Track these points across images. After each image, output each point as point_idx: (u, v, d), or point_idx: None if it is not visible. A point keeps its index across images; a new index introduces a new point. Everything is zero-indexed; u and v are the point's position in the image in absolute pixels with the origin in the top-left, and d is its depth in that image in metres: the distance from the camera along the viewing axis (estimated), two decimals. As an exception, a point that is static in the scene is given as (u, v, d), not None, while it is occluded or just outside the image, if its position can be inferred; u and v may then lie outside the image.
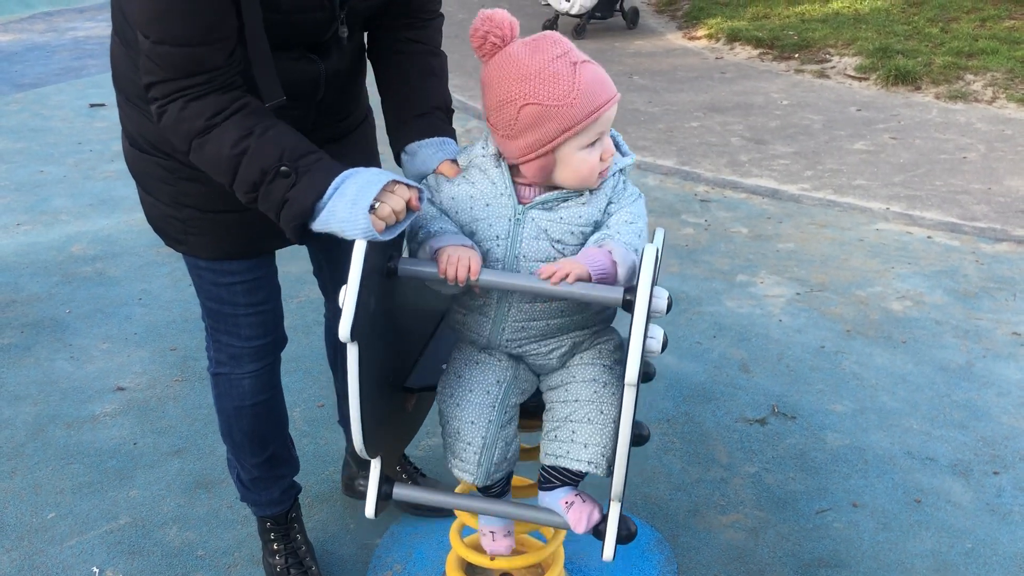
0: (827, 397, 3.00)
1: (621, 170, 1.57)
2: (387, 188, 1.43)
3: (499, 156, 1.54)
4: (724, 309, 3.58)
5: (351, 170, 1.48)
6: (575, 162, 1.48)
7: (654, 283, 1.39)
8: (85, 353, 3.23)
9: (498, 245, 1.52)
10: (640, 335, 1.35)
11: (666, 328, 1.56)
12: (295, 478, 2.24)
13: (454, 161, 1.61)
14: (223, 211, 1.76)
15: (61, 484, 2.56)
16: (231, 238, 1.80)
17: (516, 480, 1.81)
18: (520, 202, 1.53)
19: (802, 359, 3.22)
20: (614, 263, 1.43)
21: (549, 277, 1.42)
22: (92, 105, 6.40)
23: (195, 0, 1.42)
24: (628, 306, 1.40)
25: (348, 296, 1.38)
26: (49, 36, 9.03)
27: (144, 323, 3.44)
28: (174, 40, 1.44)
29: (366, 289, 1.40)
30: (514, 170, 1.54)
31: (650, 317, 1.39)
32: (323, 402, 2.91)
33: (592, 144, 1.48)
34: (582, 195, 1.53)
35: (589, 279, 1.42)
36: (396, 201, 1.42)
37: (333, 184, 1.45)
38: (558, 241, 1.51)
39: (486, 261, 1.51)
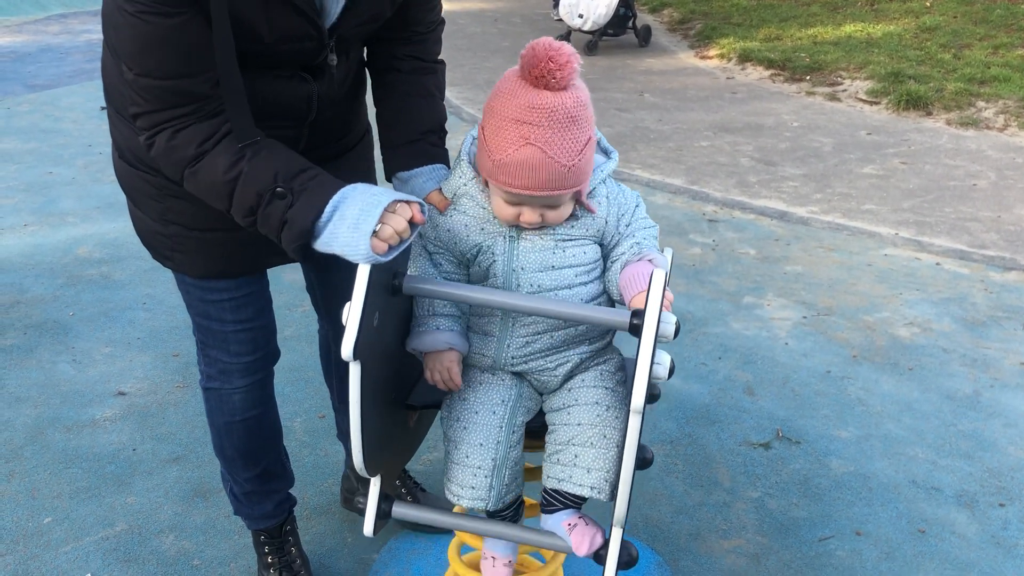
0: (832, 423, 2.97)
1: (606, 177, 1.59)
2: (388, 209, 1.41)
3: (480, 182, 1.56)
4: (730, 331, 3.55)
5: (349, 187, 1.45)
6: (496, 203, 1.53)
7: (662, 307, 1.38)
8: (87, 356, 3.22)
9: (495, 262, 1.56)
10: (647, 361, 1.33)
11: (671, 348, 1.55)
12: (292, 491, 2.22)
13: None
14: (209, 229, 1.73)
15: (59, 488, 2.55)
16: (217, 257, 1.77)
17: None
18: None
19: (808, 383, 3.20)
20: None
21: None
22: (103, 108, 6.42)
23: (174, 35, 1.39)
24: (635, 330, 1.39)
25: (351, 315, 1.37)
26: (63, 38, 9.08)
27: (147, 328, 3.43)
28: (156, 74, 1.42)
29: (370, 306, 1.39)
30: None
31: (657, 342, 1.38)
32: (324, 413, 2.89)
33: (512, 203, 1.50)
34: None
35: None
36: (398, 222, 1.41)
37: (332, 202, 1.43)
38: (560, 242, 1.55)
39: (487, 277, 1.57)
